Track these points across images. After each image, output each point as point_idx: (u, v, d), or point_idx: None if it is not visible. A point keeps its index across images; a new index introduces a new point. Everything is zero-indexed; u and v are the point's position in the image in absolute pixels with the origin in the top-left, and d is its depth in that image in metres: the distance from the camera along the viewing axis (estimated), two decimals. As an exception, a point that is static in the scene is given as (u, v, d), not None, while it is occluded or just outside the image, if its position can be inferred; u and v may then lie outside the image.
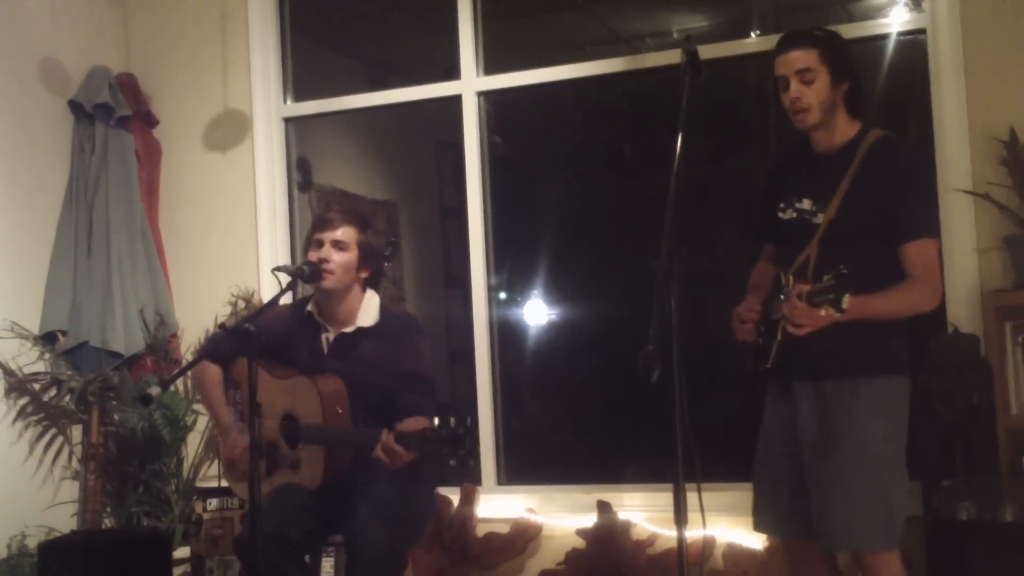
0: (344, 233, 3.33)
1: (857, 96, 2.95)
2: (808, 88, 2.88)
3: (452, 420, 2.85)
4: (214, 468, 4.57)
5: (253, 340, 2.89)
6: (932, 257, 2.86)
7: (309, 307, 3.43)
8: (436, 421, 2.87)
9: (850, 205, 2.86)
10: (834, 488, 2.83)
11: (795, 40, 2.92)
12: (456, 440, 2.83)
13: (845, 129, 2.95)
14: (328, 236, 3.32)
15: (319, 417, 3.21)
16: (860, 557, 2.92)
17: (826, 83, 2.88)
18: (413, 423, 3.07)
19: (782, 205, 3.04)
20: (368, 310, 3.38)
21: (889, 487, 2.84)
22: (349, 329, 3.36)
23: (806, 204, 2.96)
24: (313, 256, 3.31)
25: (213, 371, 3.46)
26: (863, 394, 2.85)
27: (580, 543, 4.09)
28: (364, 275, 3.39)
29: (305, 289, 4.28)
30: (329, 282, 3.29)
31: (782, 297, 2.79)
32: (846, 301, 2.50)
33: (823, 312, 2.56)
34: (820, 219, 2.90)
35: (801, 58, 2.88)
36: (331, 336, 3.39)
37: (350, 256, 3.33)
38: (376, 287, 3.47)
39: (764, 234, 3.20)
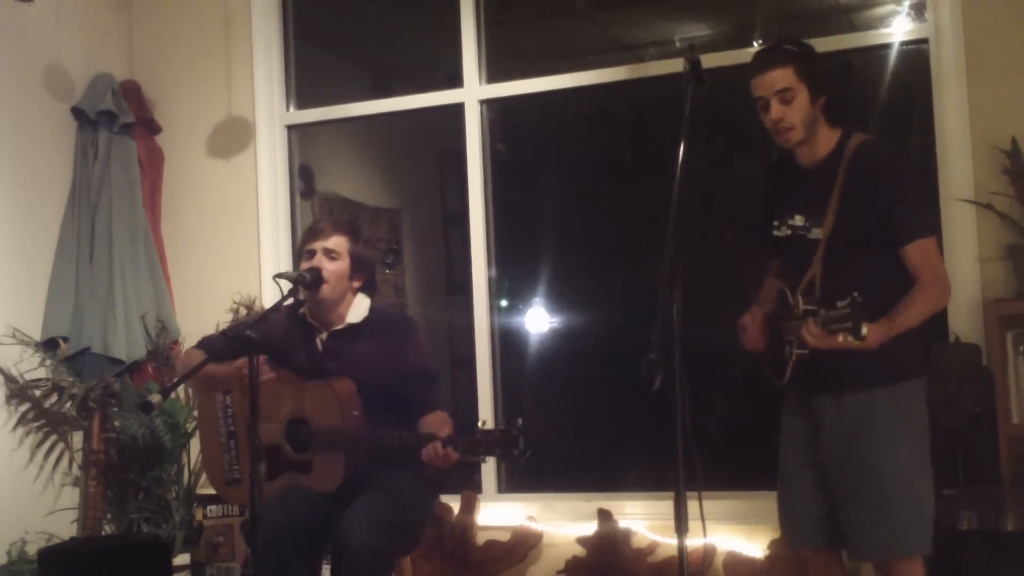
0: (335, 242, 3.34)
1: (835, 105, 2.95)
2: (789, 107, 2.89)
3: (501, 422, 2.87)
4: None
5: (254, 346, 2.90)
6: (934, 254, 2.88)
7: (302, 310, 3.44)
8: (484, 423, 2.93)
9: (844, 219, 2.86)
10: (868, 499, 2.83)
11: (770, 59, 2.92)
12: (510, 442, 2.87)
13: (827, 139, 2.96)
14: (319, 245, 3.33)
15: (338, 420, 3.21)
16: (884, 566, 2.92)
17: (806, 99, 2.89)
18: (438, 423, 3.12)
19: (776, 223, 3.05)
20: (357, 308, 3.40)
21: (920, 491, 2.86)
22: (339, 326, 3.38)
23: (798, 220, 2.97)
24: (305, 266, 3.32)
25: (198, 354, 3.40)
26: (884, 402, 2.86)
27: (581, 551, 4.08)
28: (356, 284, 3.40)
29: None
30: (323, 291, 3.30)
31: (788, 311, 2.82)
32: (865, 330, 2.52)
33: (840, 338, 2.58)
34: (815, 234, 2.91)
35: (779, 78, 2.88)
36: (324, 336, 3.40)
37: (342, 265, 3.33)
38: (370, 294, 3.47)
39: (766, 249, 3.21)
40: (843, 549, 3.01)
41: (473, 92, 4.58)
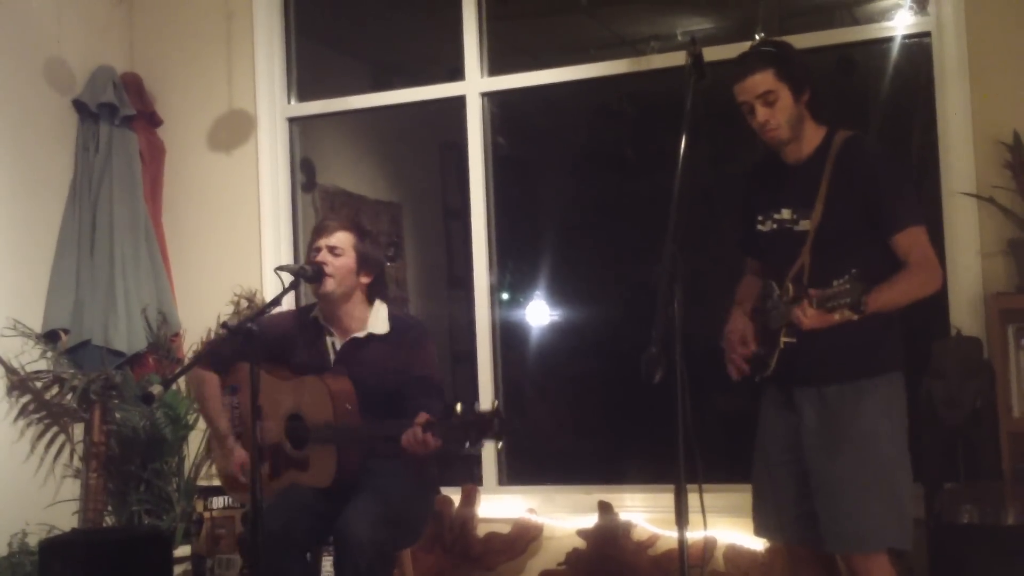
0: (339, 239, 3.33)
1: (819, 101, 2.97)
2: (773, 109, 2.90)
3: (476, 405, 2.84)
4: (215, 468, 4.57)
5: (255, 339, 2.90)
6: (924, 243, 2.88)
7: (314, 313, 3.44)
8: (459, 407, 2.86)
9: (833, 208, 2.88)
10: (846, 490, 2.83)
11: (749, 64, 2.93)
12: (484, 424, 2.81)
13: (813, 136, 2.98)
14: (324, 242, 3.34)
15: (329, 415, 3.20)
16: (849, 560, 2.93)
17: (789, 99, 2.91)
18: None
19: (760, 218, 3.05)
20: (378, 319, 3.38)
21: (899, 485, 2.87)
22: (360, 334, 3.36)
23: (785, 214, 2.98)
24: None
25: (210, 378, 3.46)
26: (867, 395, 2.87)
27: (581, 544, 4.09)
28: (365, 280, 3.38)
29: (307, 290, 4.30)
30: (328, 285, 3.29)
31: (774, 300, 2.83)
32: (865, 302, 2.52)
33: (837, 316, 2.59)
34: (802, 226, 2.92)
35: (760, 82, 2.90)
36: (338, 341, 3.38)
37: (347, 261, 3.32)
38: (384, 298, 3.46)
39: (746, 249, 3.22)
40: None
41: (475, 85, 4.57)
